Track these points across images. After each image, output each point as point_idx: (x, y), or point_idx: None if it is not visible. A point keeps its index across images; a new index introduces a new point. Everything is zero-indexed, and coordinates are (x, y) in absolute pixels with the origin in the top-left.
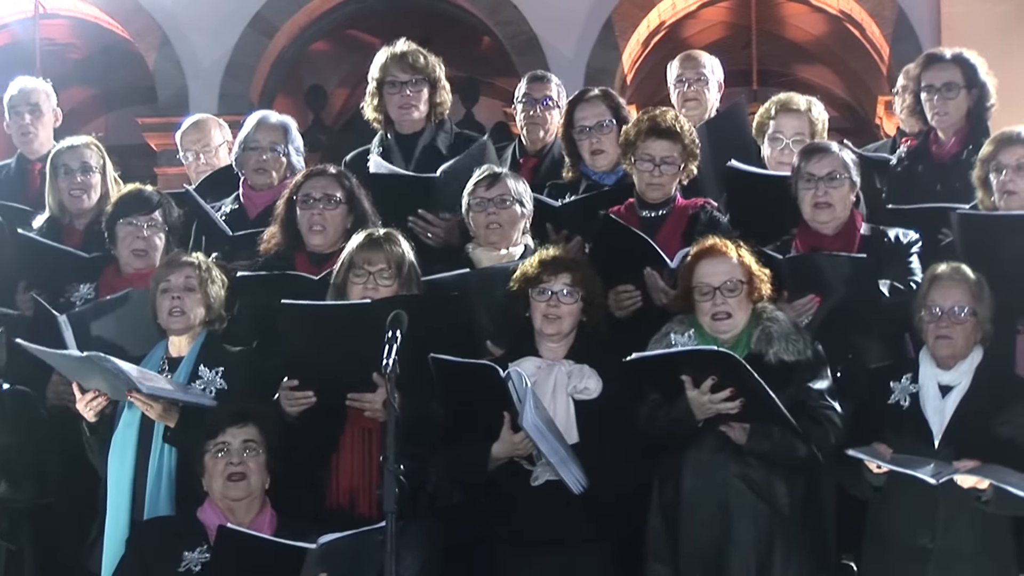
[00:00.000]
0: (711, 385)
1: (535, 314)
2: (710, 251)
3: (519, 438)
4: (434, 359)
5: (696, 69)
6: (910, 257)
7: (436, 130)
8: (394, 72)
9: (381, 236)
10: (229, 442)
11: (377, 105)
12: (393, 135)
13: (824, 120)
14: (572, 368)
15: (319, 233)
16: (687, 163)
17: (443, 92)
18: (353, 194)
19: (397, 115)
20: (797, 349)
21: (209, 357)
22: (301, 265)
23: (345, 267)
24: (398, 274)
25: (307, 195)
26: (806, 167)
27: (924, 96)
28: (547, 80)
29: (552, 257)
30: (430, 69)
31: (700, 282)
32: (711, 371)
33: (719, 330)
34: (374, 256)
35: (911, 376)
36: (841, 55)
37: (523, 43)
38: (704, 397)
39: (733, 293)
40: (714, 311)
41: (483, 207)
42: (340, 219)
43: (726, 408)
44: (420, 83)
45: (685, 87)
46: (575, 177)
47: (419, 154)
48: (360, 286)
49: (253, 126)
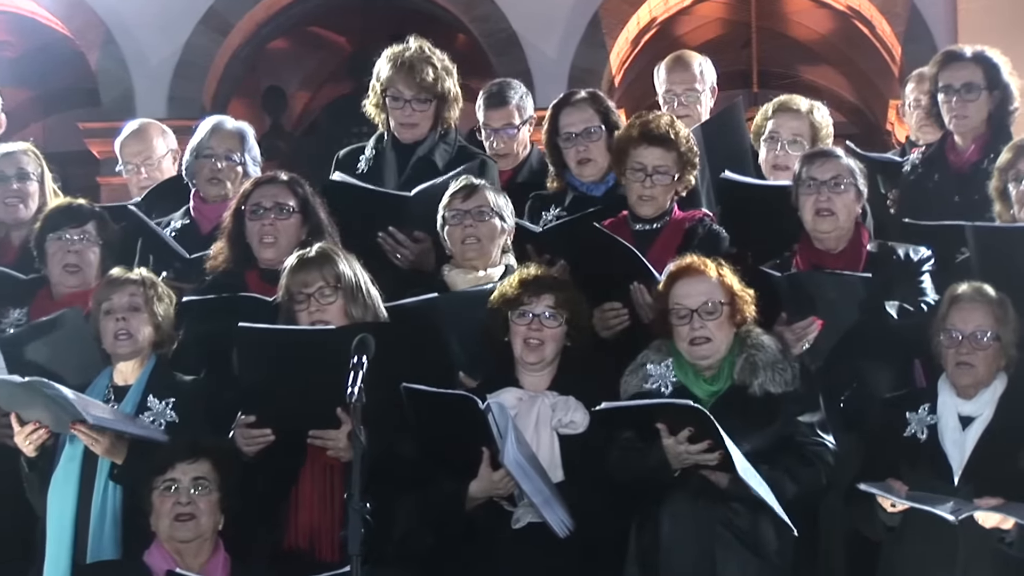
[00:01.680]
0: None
1: (515, 339)
2: (687, 270)
3: (499, 476)
4: (407, 389)
5: (686, 83)
6: (921, 276)
7: (437, 141)
8: (398, 85)
9: (311, 256)
10: (178, 479)
11: (379, 107)
12: (391, 139)
13: (828, 125)
14: (556, 400)
15: (271, 246)
16: (684, 173)
17: (454, 107)
18: (307, 202)
19: (398, 128)
20: (784, 379)
21: (159, 386)
22: (253, 283)
23: (286, 296)
24: (339, 288)
25: (256, 205)
26: (808, 171)
27: (941, 98)
28: (506, 101)
29: (533, 276)
30: (439, 85)
31: (676, 304)
32: (687, 422)
33: (697, 356)
34: (308, 277)
35: (929, 406)
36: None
37: (501, 42)
38: (681, 447)
39: (712, 316)
40: (692, 336)
41: (459, 220)
42: (294, 230)
43: (704, 460)
44: (427, 101)
45: (675, 103)
46: (560, 187)
47: (413, 164)
48: (304, 312)
49: (207, 132)
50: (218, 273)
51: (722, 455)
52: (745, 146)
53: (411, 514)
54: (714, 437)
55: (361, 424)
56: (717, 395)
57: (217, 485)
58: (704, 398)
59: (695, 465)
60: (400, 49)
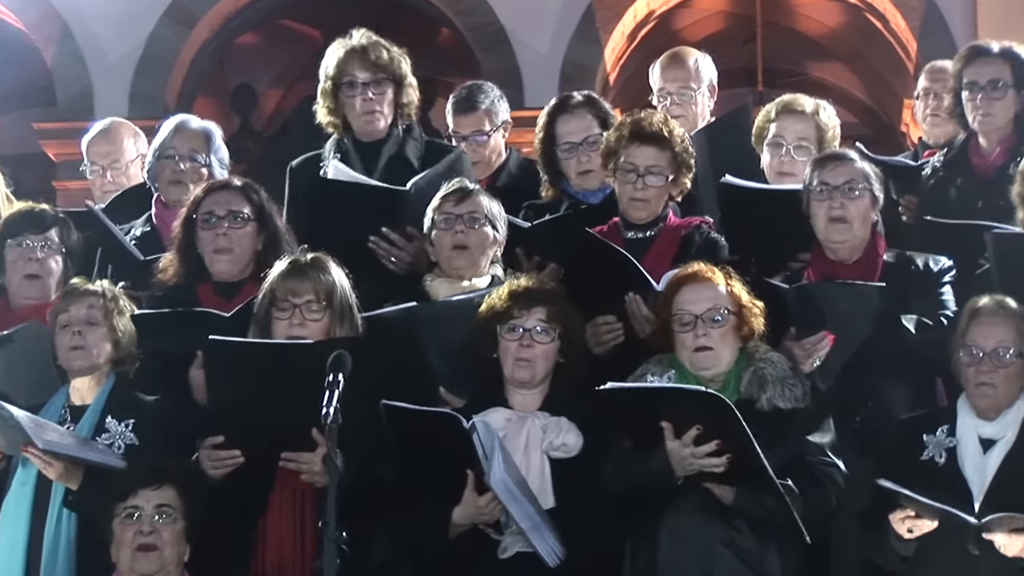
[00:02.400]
0: (695, 436)
1: (504, 356)
2: (692, 277)
3: (485, 501)
4: (386, 407)
5: (681, 80)
6: (942, 288)
7: (404, 137)
8: (353, 71)
9: (307, 262)
10: (141, 507)
11: (333, 108)
12: (352, 141)
13: (835, 127)
14: (548, 421)
15: (224, 257)
16: (679, 175)
17: (410, 91)
18: (263, 210)
19: (358, 122)
20: (795, 395)
21: (118, 406)
22: (206, 298)
23: (267, 300)
24: (328, 305)
25: (209, 213)
26: (820, 176)
27: (966, 95)
28: (475, 105)
29: (524, 288)
30: (395, 65)
31: (680, 310)
32: (696, 419)
33: (700, 365)
34: (299, 286)
35: (947, 428)
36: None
37: (488, 36)
38: (686, 450)
39: (717, 323)
40: (695, 343)
41: (450, 224)
42: (249, 240)
43: (710, 465)
44: (384, 83)
45: (668, 102)
46: (555, 196)
47: (384, 165)
48: (285, 322)
49: (170, 131)
50: (168, 287)
51: (731, 459)
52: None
53: (389, 542)
54: (732, 429)
55: (337, 447)
56: None
57: (182, 513)
58: None
59: (699, 475)
60: (347, 39)
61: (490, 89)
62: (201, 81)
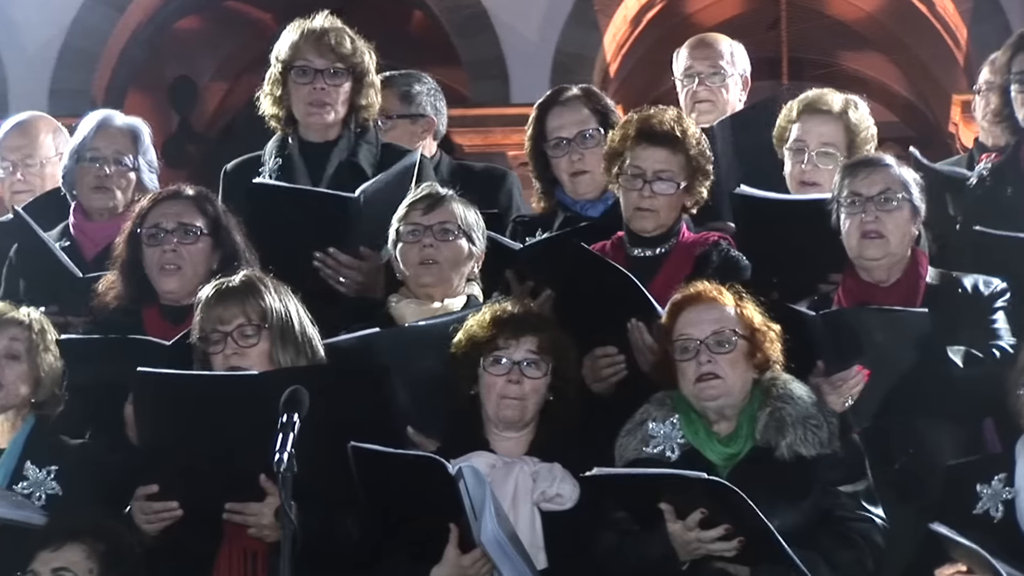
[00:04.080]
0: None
1: (488, 393)
2: (695, 299)
3: (470, 560)
4: (356, 449)
5: (711, 59)
6: (994, 314)
7: (356, 140)
8: (308, 55)
9: (233, 286)
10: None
11: (279, 97)
12: (297, 141)
13: (868, 127)
14: (538, 468)
15: (173, 275)
16: (693, 183)
17: (371, 92)
18: (219, 222)
19: (304, 114)
20: (819, 439)
21: (38, 451)
22: (151, 323)
23: (199, 335)
24: (264, 327)
25: (155, 227)
26: (851, 185)
27: (1016, 88)
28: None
29: (510, 313)
30: (357, 58)
31: (681, 336)
32: (701, 502)
33: (705, 397)
34: (225, 312)
35: (1004, 477)
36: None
37: (468, 20)
38: (691, 534)
39: (724, 349)
40: (699, 371)
41: (417, 236)
42: (202, 257)
43: (720, 550)
44: (341, 75)
45: (695, 84)
46: (548, 208)
47: (332, 171)
48: (220, 355)
49: (91, 130)
50: (109, 312)
51: (742, 544)
52: None
53: None
54: (743, 514)
55: (291, 498)
56: (736, 459)
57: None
58: (719, 463)
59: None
60: (308, 21)
61: (424, 79)
62: (134, 73)
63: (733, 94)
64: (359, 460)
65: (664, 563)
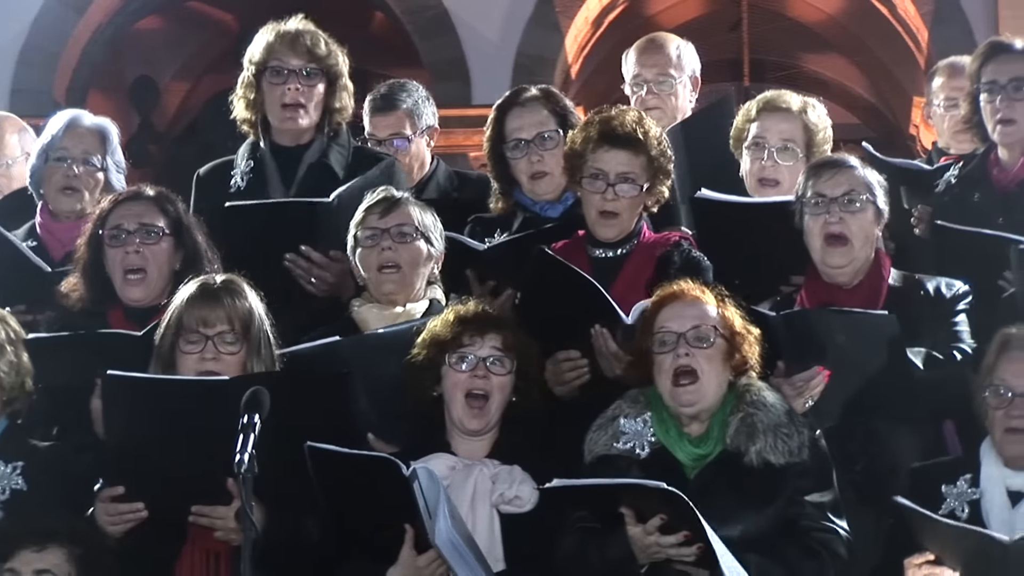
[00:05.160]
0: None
1: (452, 392)
2: (677, 296)
3: (426, 561)
4: (312, 450)
5: (659, 67)
6: (956, 317)
7: (328, 143)
8: (282, 55)
9: (219, 286)
10: (19, 571)
11: (253, 100)
12: (269, 145)
13: (827, 129)
14: (498, 470)
15: (138, 284)
16: (655, 183)
17: (344, 95)
18: (181, 223)
19: (277, 117)
20: (789, 448)
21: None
22: (116, 325)
23: (172, 330)
24: (245, 336)
25: (117, 228)
26: (815, 186)
27: (984, 98)
28: (394, 105)
29: (474, 312)
30: (332, 60)
31: (661, 329)
32: (658, 508)
33: (682, 403)
34: (211, 314)
35: (970, 478)
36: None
37: (430, 22)
38: (650, 538)
39: (703, 344)
40: (676, 364)
41: (376, 240)
42: (165, 258)
43: (679, 555)
44: (315, 76)
45: (643, 92)
46: (507, 208)
47: (304, 173)
48: (195, 356)
49: (60, 130)
50: (73, 313)
51: (702, 549)
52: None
53: None
54: (694, 527)
55: (252, 500)
56: (704, 461)
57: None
58: (687, 463)
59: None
60: (281, 23)
61: (414, 88)
62: (95, 73)
63: (682, 98)
64: (315, 461)
65: (623, 565)
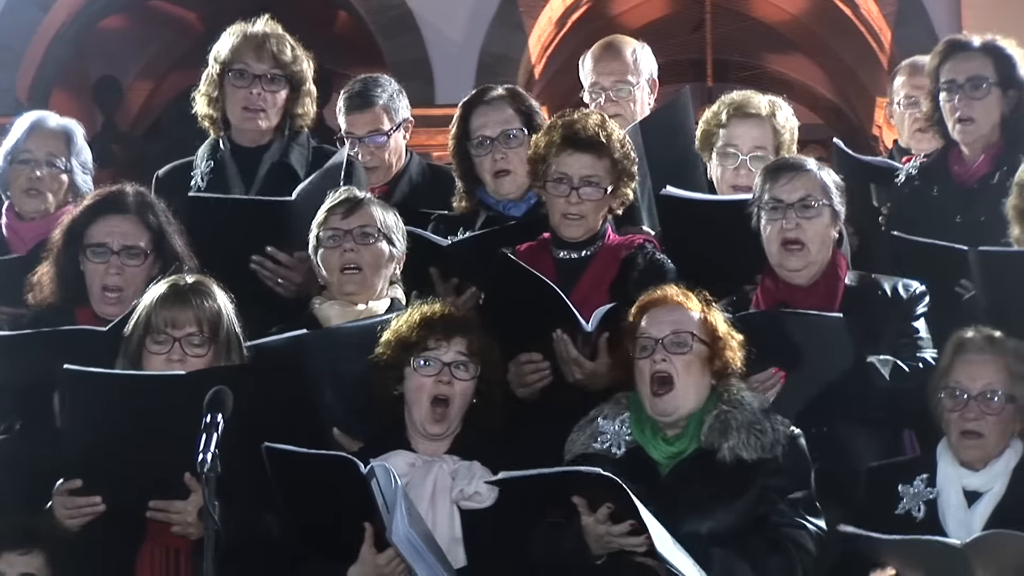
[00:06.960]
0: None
1: (415, 395)
2: (661, 300)
3: (385, 559)
4: (269, 450)
5: (616, 74)
6: (916, 321)
7: (288, 143)
8: (247, 59)
9: (188, 287)
10: (4, 573)
11: (215, 98)
12: (230, 145)
13: (792, 128)
14: (458, 466)
15: (115, 300)
16: (619, 185)
17: (307, 100)
18: (162, 235)
19: (238, 118)
20: (761, 444)
21: None
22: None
23: (140, 329)
24: (213, 338)
25: (100, 245)
26: (772, 190)
27: (943, 97)
28: (371, 101)
29: (440, 314)
30: (297, 66)
31: (642, 334)
32: (604, 496)
33: (659, 412)
34: (180, 316)
35: (926, 478)
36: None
37: (393, 21)
38: (602, 527)
39: (681, 349)
40: (653, 370)
41: (338, 241)
42: (143, 276)
43: (630, 544)
44: (279, 81)
45: (602, 99)
46: (471, 207)
47: (264, 173)
48: (162, 357)
49: (24, 132)
50: (40, 309)
51: (648, 539)
52: (694, 151)
53: None
54: (635, 516)
55: (215, 499)
56: (678, 458)
57: None
58: (661, 461)
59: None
60: (248, 24)
61: (387, 83)
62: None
63: (641, 102)
64: (273, 460)
65: (578, 555)
